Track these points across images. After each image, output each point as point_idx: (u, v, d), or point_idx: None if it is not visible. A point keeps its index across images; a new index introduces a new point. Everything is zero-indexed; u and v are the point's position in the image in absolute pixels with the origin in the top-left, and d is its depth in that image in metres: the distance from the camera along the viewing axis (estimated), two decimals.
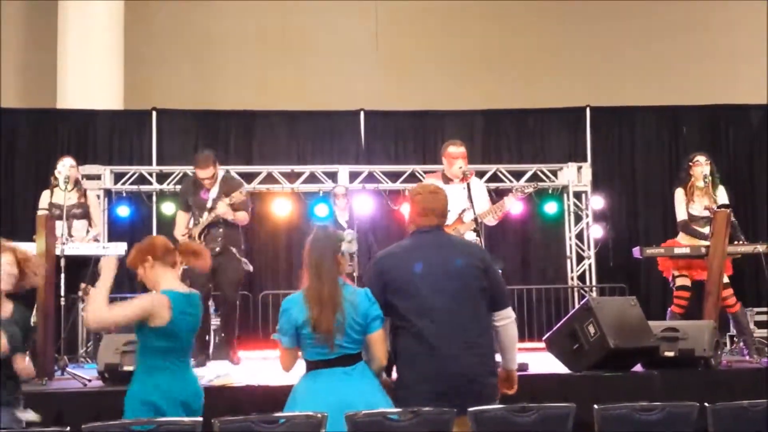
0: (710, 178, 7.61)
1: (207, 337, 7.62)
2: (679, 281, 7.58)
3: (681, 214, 7.69)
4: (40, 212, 7.57)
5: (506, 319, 4.12)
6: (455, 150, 6.86)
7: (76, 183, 7.84)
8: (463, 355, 3.94)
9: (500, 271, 4.51)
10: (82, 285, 7.29)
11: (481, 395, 3.89)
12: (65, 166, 7.60)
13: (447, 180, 6.80)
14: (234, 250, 7.17)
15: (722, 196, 7.66)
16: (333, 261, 4.00)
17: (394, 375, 4.14)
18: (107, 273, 4.25)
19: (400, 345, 4.04)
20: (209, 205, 7.20)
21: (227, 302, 7.19)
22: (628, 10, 12.82)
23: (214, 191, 7.26)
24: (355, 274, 7.96)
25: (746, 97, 11.24)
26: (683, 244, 7.59)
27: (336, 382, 3.92)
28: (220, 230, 7.22)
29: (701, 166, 7.61)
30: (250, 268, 7.66)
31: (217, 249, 7.05)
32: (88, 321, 4.28)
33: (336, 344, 3.92)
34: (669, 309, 7.65)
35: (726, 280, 7.44)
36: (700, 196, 7.62)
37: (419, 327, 3.96)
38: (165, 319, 4.12)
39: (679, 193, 7.74)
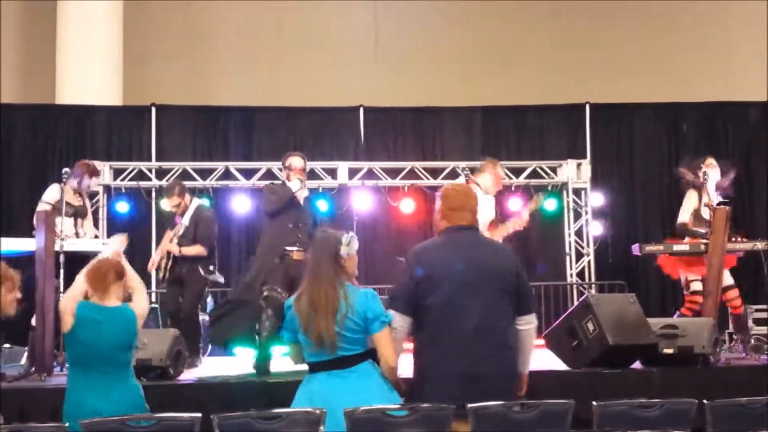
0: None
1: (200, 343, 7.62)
2: (694, 285, 7.40)
3: (683, 217, 7.51)
4: (42, 205, 7.53)
5: (529, 324, 4.13)
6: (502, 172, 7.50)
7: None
8: (491, 356, 3.93)
9: None
10: None
11: (502, 397, 3.85)
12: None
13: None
14: (199, 266, 7.33)
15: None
16: (331, 264, 4.02)
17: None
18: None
19: (425, 342, 4.02)
20: (180, 231, 7.35)
21: (186, 313, 7.29)
22: (627, 8, 12.82)
23: (186, 218, 7.39)
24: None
25: (745, 94, 11.26)
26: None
27: (330, 385, 3.93)
28: None
29: (712, 169, 7.49)
30: (221, 279, 7.75)
31: (185, 266, 7.27)
32: None
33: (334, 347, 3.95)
34: (679, 311, 7.54)
35: (731, 281, 7.38)
36: (708, 201, 7.50)
37: (448, 325, 3.94)
38: (67, 326, 4.26)
39: (692, 195, 7.49)
